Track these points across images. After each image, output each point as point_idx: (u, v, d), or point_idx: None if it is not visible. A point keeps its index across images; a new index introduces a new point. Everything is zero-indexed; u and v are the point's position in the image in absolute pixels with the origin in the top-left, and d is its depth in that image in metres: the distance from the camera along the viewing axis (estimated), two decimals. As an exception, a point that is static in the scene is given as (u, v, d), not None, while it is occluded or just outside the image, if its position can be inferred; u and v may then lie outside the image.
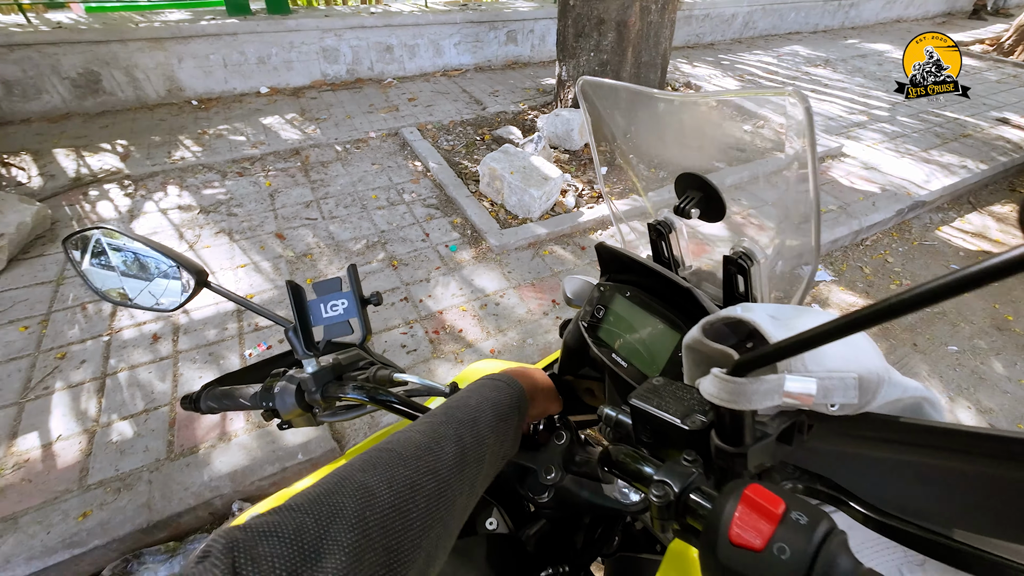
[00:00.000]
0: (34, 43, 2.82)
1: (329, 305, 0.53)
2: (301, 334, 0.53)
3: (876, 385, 0.31)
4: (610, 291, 0.58)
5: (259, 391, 0.56)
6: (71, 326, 1.76)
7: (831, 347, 0.33)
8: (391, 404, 0.54)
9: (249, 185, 2.59)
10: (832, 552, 0.23)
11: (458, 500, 0.35)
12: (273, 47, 3.43)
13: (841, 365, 0.31)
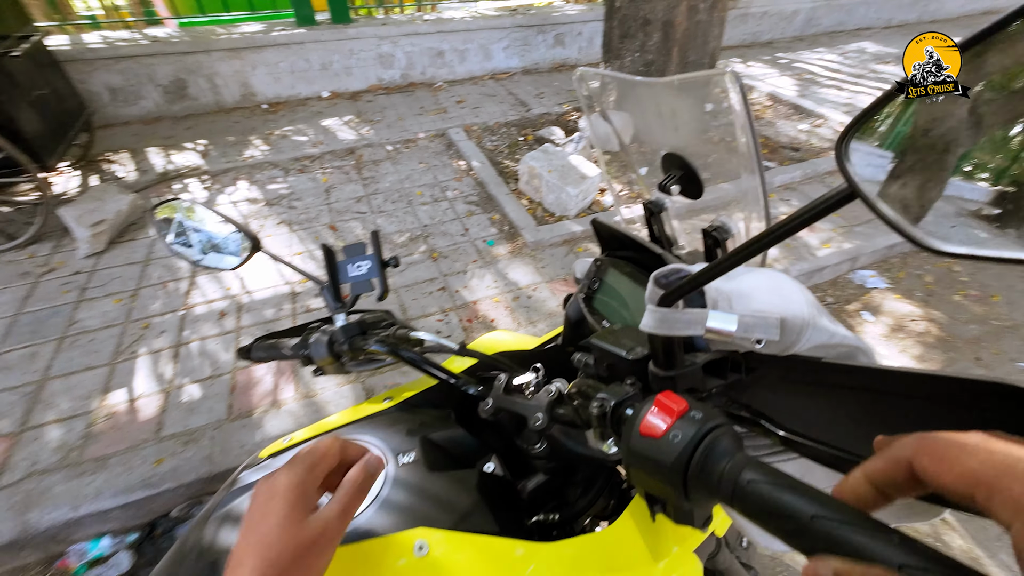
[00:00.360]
0: (135, 55, 3.21)
1: (355, 265, 0.62)
2: (332, 290, 0.63)
3: (800, 327, 0.35)
4: (605, 265, 0.63)
5: (298, 342, 0.66)
6: (154, 301, 2.00)
7: (759, 293, 0.37)
8: (408, 358, 0.62)
9: (308, 181, 2.82)
10: (716, 437, 0.28)
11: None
12: (335, 54, 3.69)
13: (766, 308, 0.35)
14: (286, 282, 2.10)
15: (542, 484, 0.62)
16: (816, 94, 3.91)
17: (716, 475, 0.27)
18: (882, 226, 0.24)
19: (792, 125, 3.42)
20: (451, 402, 0.68)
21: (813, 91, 3.98)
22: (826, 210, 0.25)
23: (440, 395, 0.68)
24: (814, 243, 2.34)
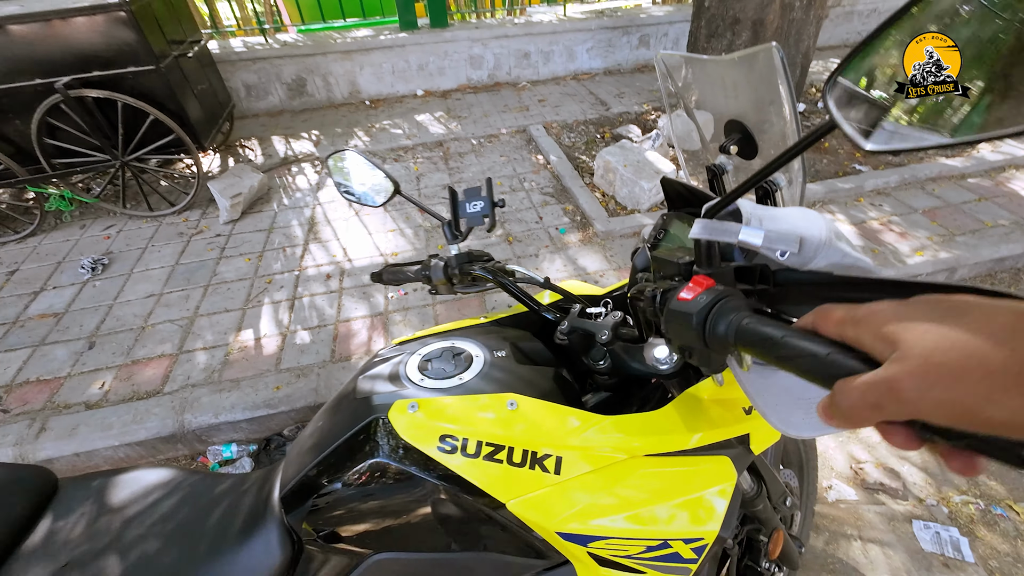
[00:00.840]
0: (267, 57, 3.74)
1: (472, 204, 0.79)
2: (452, 224, 0.81)
3: (817, 246, 0.46)
4: (670, 218, 0.76)
5: (420, 267, 0.85)
6: (276, 262, 2.38)
7: (787, 217, 0.49)
8: (504, 284, 0.78)
9: (401, 168, 3.13)
10: (728, 298, 0.40)
11: None
12: (431, 56, 4.02)
13: (791, 228, 0.47)
14: (380, 254, 2.39)
15: (602, 400, 0.76)
16: (926, 96, 3.61)
17: (726, 323, 0.39)
18: (988, 236, 0.34)
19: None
20: (532, 328, 0.83)
21: (923, 93, 3.67)
22: (814, 139, 0.37)
23: (524, 322, 0.84)
24: (905, 250, 2.22)
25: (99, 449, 1.65)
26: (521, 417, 0.59)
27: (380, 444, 0.57)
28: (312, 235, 2.56)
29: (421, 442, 0.56)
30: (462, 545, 0.60)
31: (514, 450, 0.56)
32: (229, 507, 0.68)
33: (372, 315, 2.05)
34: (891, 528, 1.43)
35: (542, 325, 0.83)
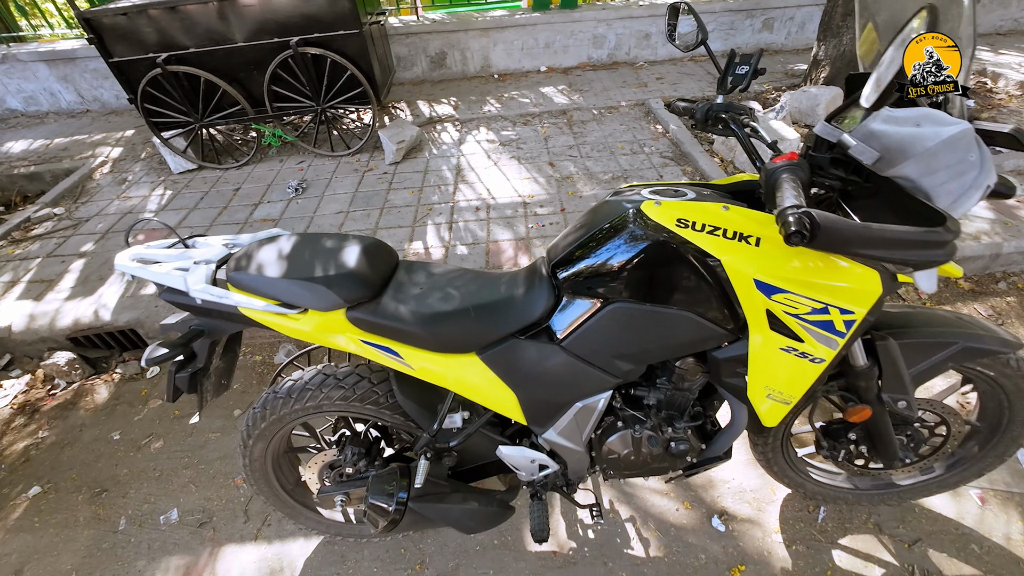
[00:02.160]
0: (418, 32, 4.31)
1: (740, 68, 1.03)
2: (722, 80, 1.07)
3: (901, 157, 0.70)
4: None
5: (695, 103, 1.15)
6: (433, 194, 2.87)
7: (917, 135, 0.74)
8: (739, 135, 1.03)
9: (530, 132, 3.53)
10: (796, 168, 0.69)
11: None
12: (558, 35, 4.38)
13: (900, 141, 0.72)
14: (518, 195, 2.80)
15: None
16: (1091, 85, 3.35)
17: (778, 176, 0.68)
18: None
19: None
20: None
21: (1087, 82, 3.41)
22: None
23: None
24: None
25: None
26: (733, 212, 0.90)
27: (633, 224, 0.91)
28: (460, 178, 3.03)
29: (664, 220, 0.89)
30: (676, 304, 0.93)
31: (727, 230, 0.88)
32: (512, 278, 1.07)
33: (516, 239, 2.46)
34: (993, 449, 1.56)
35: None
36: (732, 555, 1.39)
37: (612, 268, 0.92)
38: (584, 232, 0.98)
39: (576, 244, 0.97)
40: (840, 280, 0.83)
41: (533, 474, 1.17)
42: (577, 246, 0.97)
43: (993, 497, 1.46)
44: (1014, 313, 2.04)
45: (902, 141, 0.67)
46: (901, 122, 0.69)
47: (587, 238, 0.96)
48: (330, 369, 1.18)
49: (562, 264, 0.98)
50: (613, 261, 0.92)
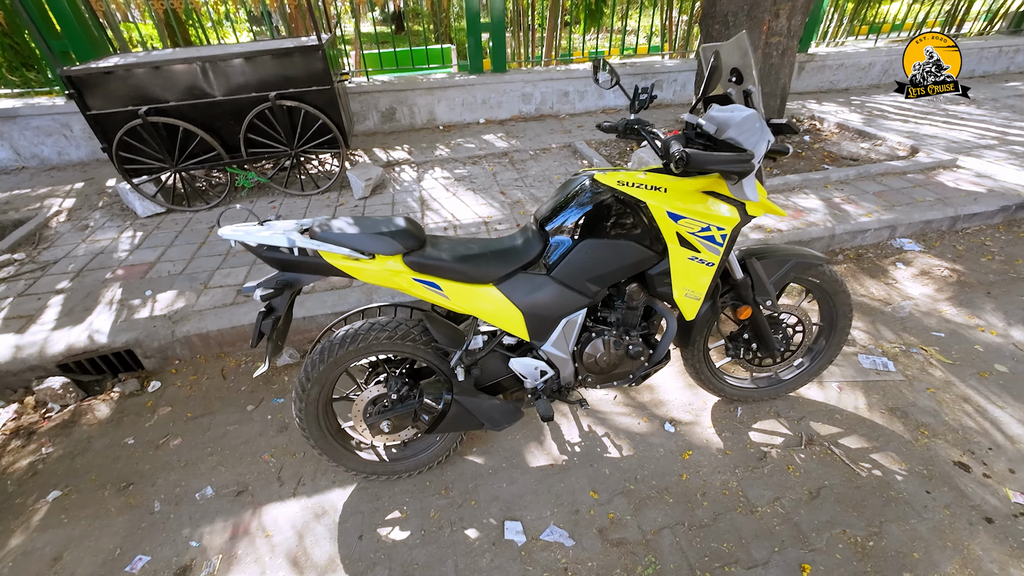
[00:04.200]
0: (370, 91, 4.87)
1: (642, 93, 1.65)
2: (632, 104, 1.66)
3: (727, 131, 1.33)
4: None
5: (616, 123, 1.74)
6: (404, 221, 3.29)
7: (733, 115, 1.39)
8: (645, 136, 1.65)
9: (479, 169, 4.12)
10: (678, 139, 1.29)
11: None
12: (492, 93, 5.15)
13: (726, 118, 1.35)
14: (478, 217, 3.30)
15: None
16: (882, 124, 4.64)
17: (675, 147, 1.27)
18: (918, 207, 1.21)
19: (855, 144, 4.19)
20: None
21: (879, 122, 4.71)
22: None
23: None
24: (855, 213, 3.11)
25: (317, 316, 2.48)
26: (649, 174, 1.44)
27: (590, 187, 1.43)
28: (425, 206, 3.49)
29: (609, 182, 1.42)
30: (622, 236, 1.44)
31: (647, 184, 1.41)
32: (513, 234, 1.54)
33: (483, 249, 2.92)
34: (843, 358, 2.22)
35: None
36: (682, 445, 1.85)
37: (580, 217, 1.42)
38: (558, 197, 1.49)
39: (555, 205, 1.47)
40: (716, 211, 1.39)
41: (536, 380, 1.58)
42: (555, 206, 1.47)
43: (847, 386, 2.08)
44: (849, 274, 2.83)
45: (727, 120, 1.26)
46: (724, 111, 1.29)
47: (561, 200, 1.47)
48: (373, 320, 1.54)
49: (547, 219, 1.47)
50: (580, 212, 1.42)
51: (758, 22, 3.62)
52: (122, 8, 4.67)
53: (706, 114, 1.31)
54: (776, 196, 3.38)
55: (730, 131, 1.25)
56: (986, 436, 1.83)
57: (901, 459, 1.76)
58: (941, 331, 2.35)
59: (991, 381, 2.06)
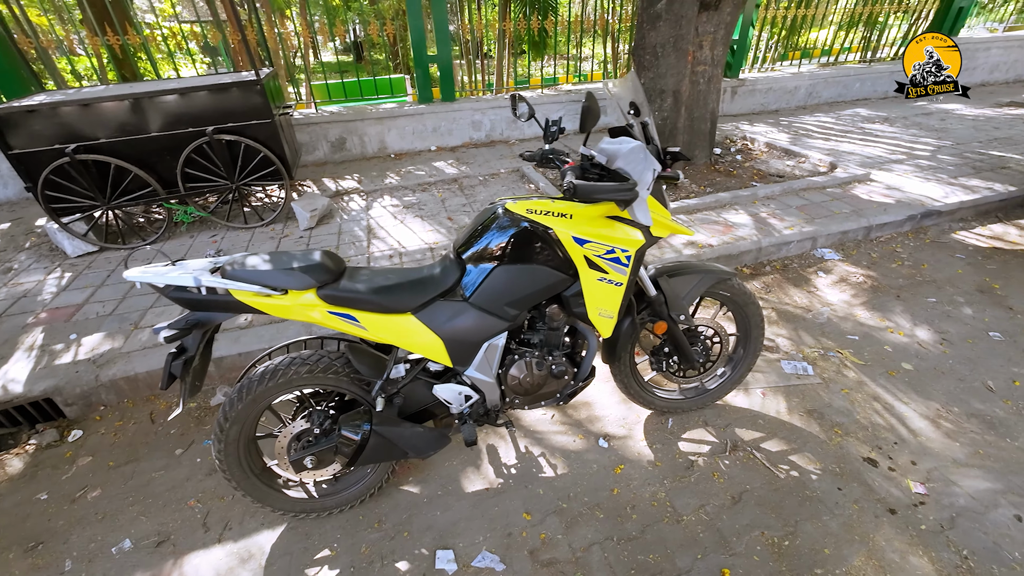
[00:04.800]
0: (319, 122, 4.89)
1: (553, 126, 1.75)
2: (545, 135, 1.75)
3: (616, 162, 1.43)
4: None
5: (534, 152, 1.82)
6: (349, 249, 3.29)
7: (622, 148, 1.49)
8: (556, 164, 1.74)
9: (428, 196, 4.18)
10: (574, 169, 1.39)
11: None
12: (443, 121, 5.26)
13: (615, 151, 1.45)
14: (424, 243, 3.34)
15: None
16: (806, 143, 5.00)
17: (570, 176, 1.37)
18: (836, 219, 1.33)
19: (781, 162, 4.49)
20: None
21: (804, 141, 5.07)
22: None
23: None
24: (780, 227, 3.32)
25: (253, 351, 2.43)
26: (557, 202, 1.52)
27: (503, 216, 1.50)
28: (372, 235, 3.51)
29: (519, 210, 1.49)
30: (534, 261, 1.50)
31: (554, 212, 1.49)
32: (432, 264, 1.58)
33: (427, 275, 2.95)
34: (767, 365, 2.34)
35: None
36: (615, 460, 1.90)
37: (492, 243, 1.48)
38: (474, 226, 1.55)
39: (470, 233, 1.53)
40: (620, 234, 1.48)
41: (461, 405, 1.60)
42: (471, 235, 1.52)
43: (770, 391, 2.19)
44: (776, 284, 3.00)
45: (615, 151, 1.36)
46: (614, 143, 1.39)
47: (477, 229, 1.53)
48: (295, 352, 1.54)
49: (463, 247, 1.52)
50: (494, 239, 1.48)
51: (684, 53, 3.88)
52: (52, 44, 4.56)
53: (598, 146, 1.41)
54: (708, 213, 3.58)
55: (618, 161, 1.34)
56: (892, 431, 1.96)
57: (817, 459, 1.86)
58: (855, 334, 2.52)
59: (898, 379, 2.22)
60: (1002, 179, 3.96)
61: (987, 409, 2.04)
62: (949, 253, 3.25)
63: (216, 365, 2.39)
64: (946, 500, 1.68)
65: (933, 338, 2.47)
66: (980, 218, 3.68)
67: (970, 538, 1.56)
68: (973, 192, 3.74)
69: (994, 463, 1.81)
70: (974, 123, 5.57)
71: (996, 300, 2.75)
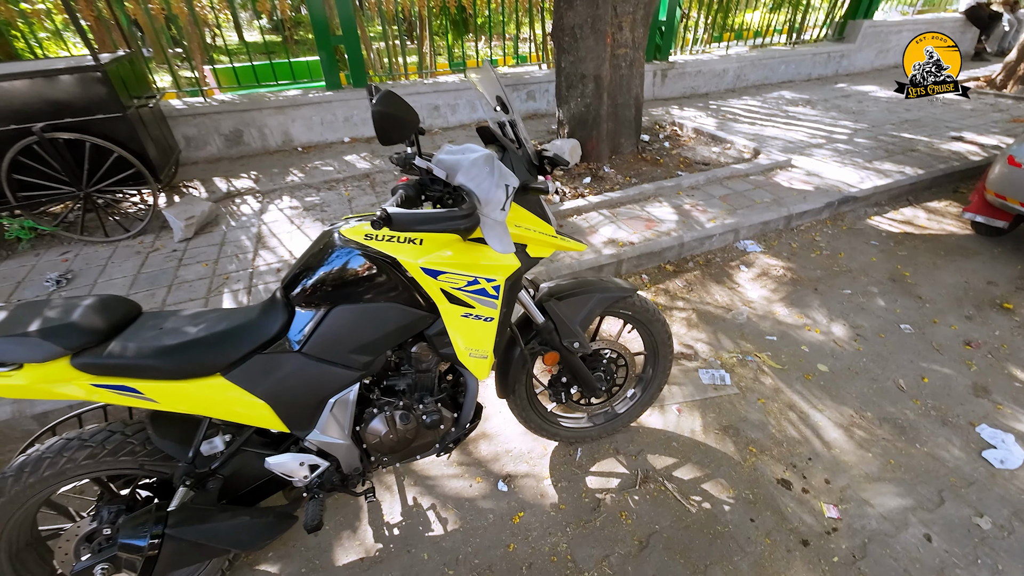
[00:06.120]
0: (206, 113, 4.29)
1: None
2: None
3: (456, 176, 1.14)
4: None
5: (398, 155, 1.49)
6: (231, 264, 2.85)
7: (464, 158, 1.20)
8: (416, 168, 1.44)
9: (334, 195, 3.76)
10: (407, 188, 1.11)
11: None
12: (355, 110, 4.79)
13: (455, 162, 1.17)
14: (322, 253, 2.95)
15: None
16: (732, 128, 4.95)
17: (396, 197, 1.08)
18: (756, 209, 1.04)
19: (708, 149, 4.40)
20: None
21: (731, 126, 5.02)
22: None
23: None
24: (703, 220, 3.19)
25: (91, 401, 2.00)
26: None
27: (336, 243, 1.19)
28: (260, 245, 3.07)
29: (355, 236, 1.18)
30: (381, 298, 1.20)
31: (399, 236, 1.19)
32: (253, 307, 1.25)
33: (319, 291, 2.59)
34: (684, 375, 2.18)
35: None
36: (514, 507, 1.67)
37: (326, 279, 1.16)
38: (305, 256, 1.22)
39: (300, 267, 1.21)
40: (485, 261, 1.21)
41: (306, 477, 1.30)
42: (301, 268, 1.20)
43: (685, 407, 2.03)
44: (697, 282, 2.87)
45: (455, 163, 1.07)
46: (455, 153, 1.10)
47: (307, 260, 1.21)
48: (72, 433, 1.18)
49: (291, 285, 1.20)
50: (326, 274, 1.17)
51: (602, 35, 3.64)
52: None
53: (435, 157, 1.12)
54: (631, 207, 3.40)
55: (459, 176, 1.06)
56: (806, 444, 1.85)
57: (730, 485, 1.71)
58: (774, 334, 2.42)
59: (813, 383, 2.13)
60: (912, 162, 4.05)
61: (898, 412, 1.98)
62: (864, 240, 3.25)
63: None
64: (858, 523, 1.58)
65: (848, 334, 2.41)
66: (892, 202, 3.73)
67: (881, 567, 1.45)
68: (886, 176, 3.78)
69: (904, 473, 1.73)
70: (888, 105, 5.75)
71: (906, 289, 2.74)
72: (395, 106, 0.93)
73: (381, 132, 0.94)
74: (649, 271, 2.96)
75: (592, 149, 4.05)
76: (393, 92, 0.95)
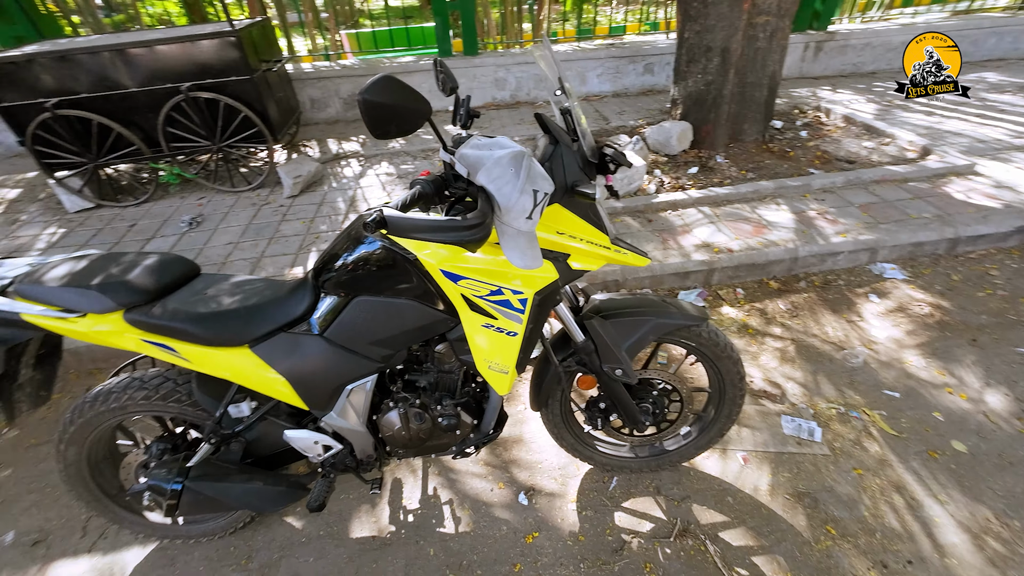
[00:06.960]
0: (330, 76, 4.60)
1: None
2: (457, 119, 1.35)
3: (477, 175, 0.95)
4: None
5: None
6: (323, 224, 3.06)
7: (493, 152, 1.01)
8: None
9: (427, 165, 3.82)
10: (423, 185, 0.95)
11: None
12: (463, 78, 4.77)
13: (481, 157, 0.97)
14: (403, 222, 3.03)
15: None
16: (897, 117, 4.00)
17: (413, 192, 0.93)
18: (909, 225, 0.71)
19: (858, 143, 3.61)
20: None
21: (895, 115, 4.06)
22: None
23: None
24: (830, 231, 2.64)
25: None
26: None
27: (364, 233, 1.13)
28: (352, 208, 3.24)
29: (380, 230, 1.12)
30: (402, 295, 1.13)
31: None
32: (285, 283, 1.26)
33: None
34: (762, 418, 1.85)
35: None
36: (531, 524, 1.57)
37: (349, 267, 1.13)
38: (337, 242, 1.20)
39: (330, 251, 1.19)
40: (511, 269, 1.07)
41: (320, 455, 1.32)
42: (330, 253, 1.18)
43: (754, 457, 1.72)
44: (806, 306, 2.40)
45: (478, 160, 0.92)
46: (481, 147, 0.95)
47: (337, 246, 1.18)
48: (139, 373, 1.32)
49: (320, 268, 1.19)
50: (350, 262, 1.13)
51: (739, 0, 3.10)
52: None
53: (460, 151, 0.98)
54: (740, 206, 2.93)
55: (480, 175, 0.92)
56: (909, 542, 1.45)
57: (790, 568, 1.41)
58: (897, 389, 1.93)
59: (940, 464, 1.66)
60: None
61: (1065, 531, 1.46)
62: (1066, 283, 2.44)
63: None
64: (963, 666, 1.20)
65: (1009, 408, 1.84)
66: None
67: None
68: (1125, 199, 2.77)
69: (1055, 619, 1.28)
70: None
71: (1123, 361, 2.00)
72: (390, 95, 0.82)
73: (371, 124, 0.84)
74: (747, 285, 2.55)
75: (706, 135, 3.56)
76: (393, 78, 0.84)
